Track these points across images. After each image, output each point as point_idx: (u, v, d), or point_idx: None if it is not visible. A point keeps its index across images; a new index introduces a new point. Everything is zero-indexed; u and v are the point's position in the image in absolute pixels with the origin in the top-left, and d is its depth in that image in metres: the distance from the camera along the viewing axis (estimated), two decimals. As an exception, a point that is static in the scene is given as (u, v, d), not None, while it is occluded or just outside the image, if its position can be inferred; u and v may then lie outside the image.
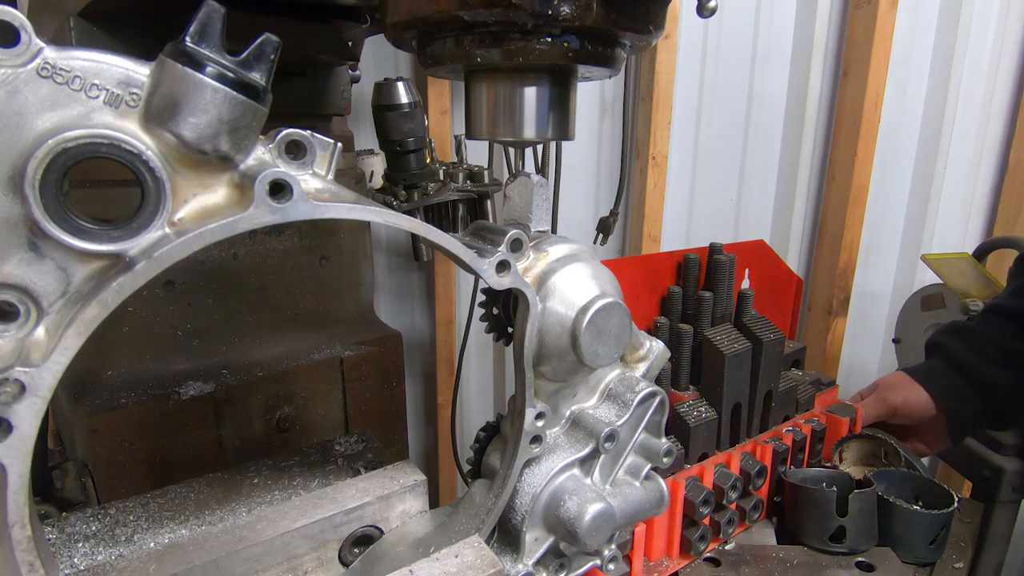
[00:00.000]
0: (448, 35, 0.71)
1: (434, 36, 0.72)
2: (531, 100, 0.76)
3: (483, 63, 0.71)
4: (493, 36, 0.68)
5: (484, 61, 0.70)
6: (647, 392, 0.84)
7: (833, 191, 2.61)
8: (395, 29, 0.73)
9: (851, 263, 2.63)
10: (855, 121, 2.46)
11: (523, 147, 0.81)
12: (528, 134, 0.77)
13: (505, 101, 0.76)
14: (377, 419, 1.52)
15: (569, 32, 0.68)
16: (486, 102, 0.77)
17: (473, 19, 0.65)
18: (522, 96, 0.75)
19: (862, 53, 2.40)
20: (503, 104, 0.76)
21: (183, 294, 1.26)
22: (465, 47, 0.70)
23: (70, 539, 0.81)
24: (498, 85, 0.76)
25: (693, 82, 2.46)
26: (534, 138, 0.78)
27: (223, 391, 1.27)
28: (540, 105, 0.76)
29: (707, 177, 2.61)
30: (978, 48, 2.63)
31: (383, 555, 0.82)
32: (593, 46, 0.71)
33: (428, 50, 0.74)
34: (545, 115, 0.77)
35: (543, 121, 0.77)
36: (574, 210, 2.44)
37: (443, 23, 0.68)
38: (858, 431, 1.37)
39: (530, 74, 0.74)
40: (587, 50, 0.70)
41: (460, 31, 0.69)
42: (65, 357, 0.48)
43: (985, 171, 2.84)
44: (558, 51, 0.69)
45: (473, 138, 0.81)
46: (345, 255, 1.49)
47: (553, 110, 0.77)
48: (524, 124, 0.76)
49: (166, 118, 0.50)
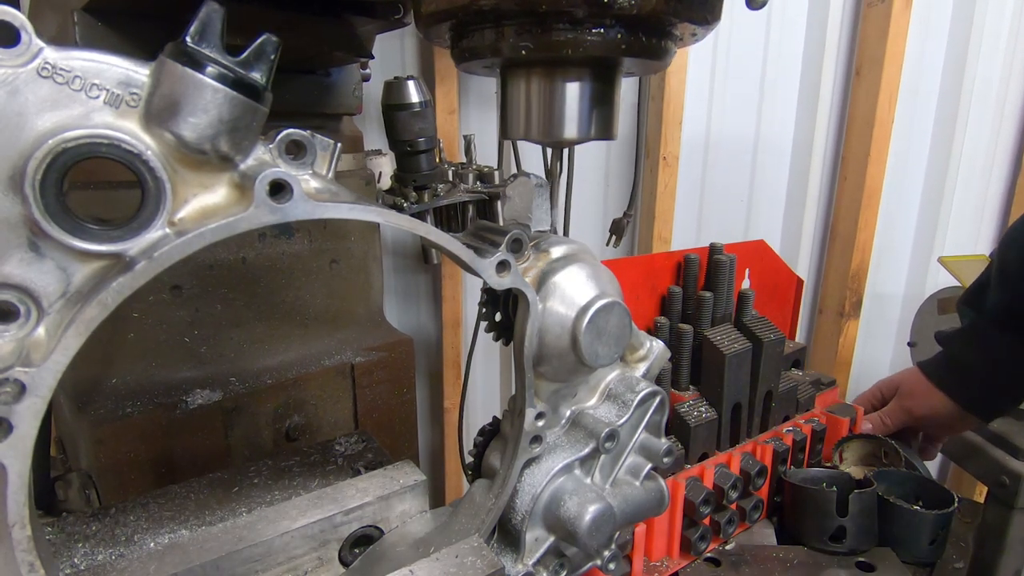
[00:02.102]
0: (488, 25, 0.66)
1: (472, 27, 0.67)
2: (574, 97, 0.71)
3: (526, 56, 0.65)
4: (540, 26, 0.63)
5: (528, 54, 0.64)
6: (647, 392, 0.84)
7: (845, 192, 2.58)
8: (430, 20, 0.68)
9: (863, 265, 2.60)
10: (868, 121, 2.44)
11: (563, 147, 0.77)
12: (570, 133, 0.72)
13: (545, 98, 0.71)
14: (388, 426, 1.49)
15: (622, 22, 0.63)
16: (524, 99, 0.73)
17: (521, 7, 0.60)
18: (564, 92, 0.70)
19: (875, 52, 2.38)
20: (543, 101, 0.72)
21: (190, 299, 1.22)
22: (507, 38, 0.65)
23: (70, 539, 0.82)
24: (539, 81, 0.71)
25: (704, 81, 2.43)
26: (575, 138, 0.73)
27: (231, 399, 1.24)
28: (583, 102, 0.71)
29: (717, 177, 2.58)
30: (992, 48, 2.61)
31: (383, 555, 0.82)
32: (647, 37, 0.65)
33: (464, 43, 0.69)
34: (588, 113, 0.72)
35: (586, 119, 0.72)
36: (584, 211, 2.41)
37: (484, 12, 0.63)
38: (858, 431, 1.37)
39: (574, 68, 0.69)
40: (640, 42, 0.65)
41: (502, 20, 0.64)
42: (65, 357, 0.48)
43: (998, 172, 2.82)
44: (609, 43, 0.63)
45: (509, 138, 0.77)
46: (355, 258, 1.46)
47: (597, 107, 0.72)
48: (565, 123, 0.72)
49: (166, 118, 0.50)
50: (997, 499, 1.52)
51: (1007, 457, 1.53)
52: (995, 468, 1.53)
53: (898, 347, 2.89)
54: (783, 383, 1.25)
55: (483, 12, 0.63)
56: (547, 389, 0.80)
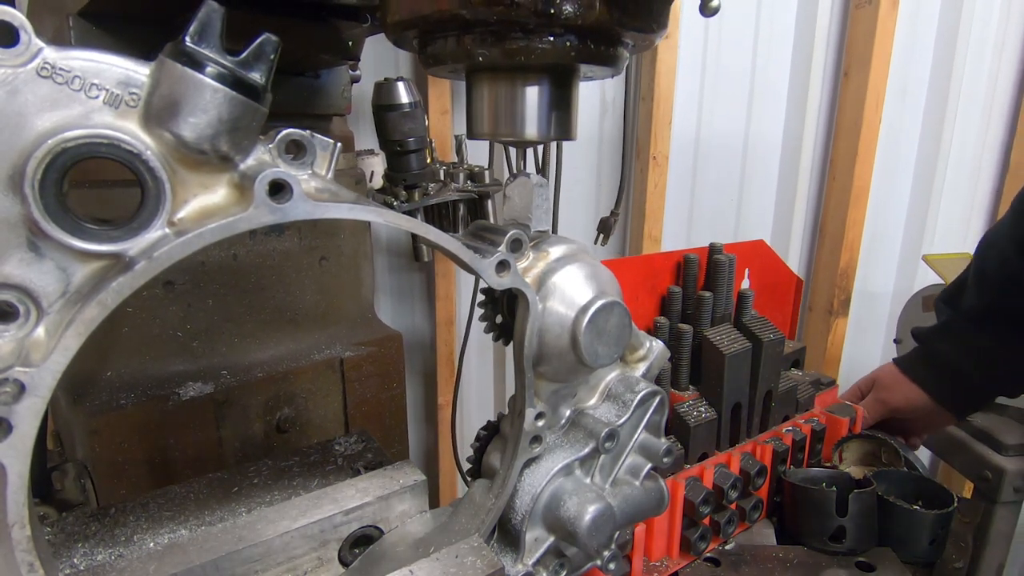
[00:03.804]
0: (449, 34, 0.70)
1: (435, 35, 0.72)
2: (532, 99, 0.75)
3: (484, 62, 0.70)
4: (495, 35, 0.67)
5: (485, 60, 0.69)
6: (647, 392, 0.84)
7: (834, 191, 2.61)
8: (396, 28, 0.73)
9: (852, 263, 2.63)
10: (856, 121, 2.46)
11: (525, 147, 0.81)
12: (530, 134, 0.76)
13: (506, 100, 0.76)
14: (377, 420, 1.52)
15: (571, 31, 0.67)
16: (487, 101, 0.77)
17: (474, 18, 0.64)
18: (523, 95, 0.75)
19: (863, 53, 2.40)
20: (504, 103, 0.76)
21: (183, 295, 1.25)
22: (466, 46, 0.69)
23: (70, 539, 0.81)
24: (499, 84, 0.75)
25: (694, 82, 2.45)
26: (536, 138, 0.77)
27: (223, 392, 1.26)
28: (542, 104, 0.75)
29: (707, 177, 2.60)
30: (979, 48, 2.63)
31: (383, 555, 0.82)
32: (596, 45, 0.70)
33: (429, 49, 0.74)
34: (547, 115, 0.76)
35: (545, 121, 0.76)
36: (574, 210, 2.43)
37: (444, 22, 0.67)
38: (858, 431, 1.37)
39: (532, 73, 0.74)
40: (589, 49, 0.69)
41: (461, 30, 0.68)
42: (65, 357, 0.48)
43: (986, 172, 2.84)
44: (560, 50, 0.68)
45: (474, 138, 0.81)
46: (345, 256, 1.48)
47: (555, 110, 0.76)
48: (526, 123, 0.76)
49: (166, 118, 0.50)
50: (981, 494, 1.53)
51: (990, 452, 1.55)
52: (978, 463, 1.55)
53: (887, 345, 2.91)
54: (783, 383, 1.25)
55: (443, 22, 0.67)
56: (547, 389, 0.80)
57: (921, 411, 1.39)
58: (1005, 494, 1.49)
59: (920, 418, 1.41)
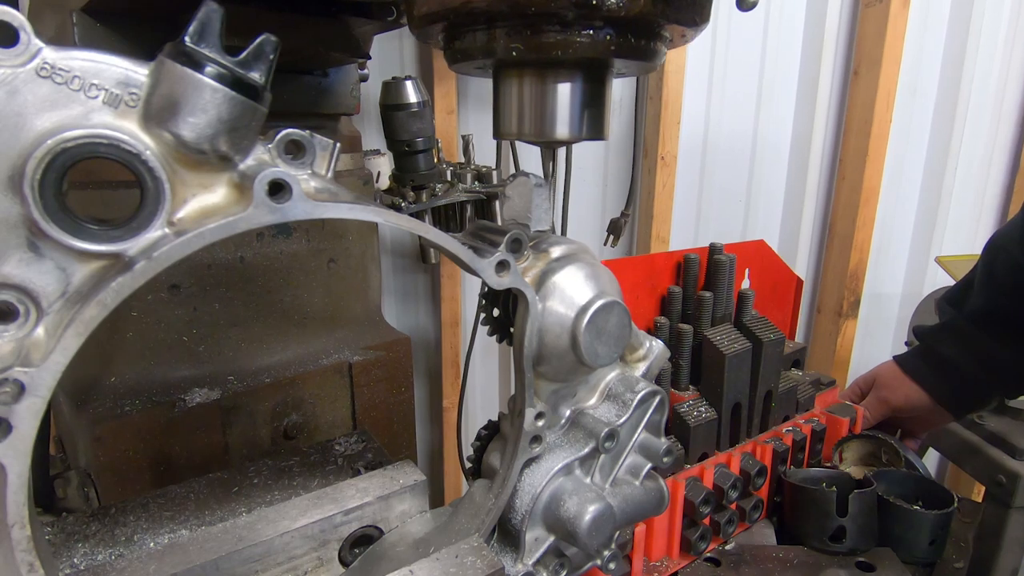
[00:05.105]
0: (480, 27, 0.67)
1: (465, 28, 0.68)
2: (565, 97, 0.72)
3: (517, 57, 0.66)
4: (529, 28, 0.64)
5: (519, 55, 0.65)
6: (647, 392, 0.84)
7: (843, 191, 2.58)
8: (423, 21, 0.69)
9: (862, 264, 2.61)
10: (866, 121, 2.44)
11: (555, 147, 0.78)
12: (561, 133, 0.73)
13: (537, 98, 0.72)
14: (386, 425, 1.49)
15: (611, 23, 0.63)
16: (516, 99, 0.73)
17: (511, 8, 0.61)
18: (555, 93, 0.71)
19: (873, 52, 2.38)
20: (535, 101, 0.72)
21: (189, 298, 1.23)
22: (498, 40, 0.66)
23: (70, 539, 0.82)
24: (530, 81, 0.72)
25: (702, 81, 2.44)
26: (567, 137, 0.74)
27: (229, 398, 1.24)
28: (574, 102, 0.72)
29: (716, 177, 2.59)
30: (989, 47, 2.61)
31: (383, 555, 0.82)
32: (636, 39, 0.66)
33: (457, 44, 0.70)
34: (579, 113, 0.73)
35: (577, 119, 0.73)
36: (582, 211, 2.42)
37: (476, 14, 0.64)
38: (858, 431, 1.37)
39: (565, 69, 0.70)
40: (629, 43, 0.66)
41: (493, 23, 0.65)
42: (64, 357, 0.48)
43: (996, 171, 2.82)
44: (598, 44, 0.64)
45: (502, 138, 0.78)
46: (353, 258, 1.46)
47: (588, 108, 0.73)
48: (557, 123, 0.72)
49: (165, 118, 0.50)
50: (994, 498, 1.52)
51: (1004, 456, 1.53)
52: (992, 467, 1.53)
53: (896, 346, 2.90)
54: (783, 383, 1.25)
55: (474, 14, 0.64)
56: (547, 389, 0.80)
57: (920, 410, 1.39)
58: (1019, 499, 1.47)
59: (919, 418, 1.41)
